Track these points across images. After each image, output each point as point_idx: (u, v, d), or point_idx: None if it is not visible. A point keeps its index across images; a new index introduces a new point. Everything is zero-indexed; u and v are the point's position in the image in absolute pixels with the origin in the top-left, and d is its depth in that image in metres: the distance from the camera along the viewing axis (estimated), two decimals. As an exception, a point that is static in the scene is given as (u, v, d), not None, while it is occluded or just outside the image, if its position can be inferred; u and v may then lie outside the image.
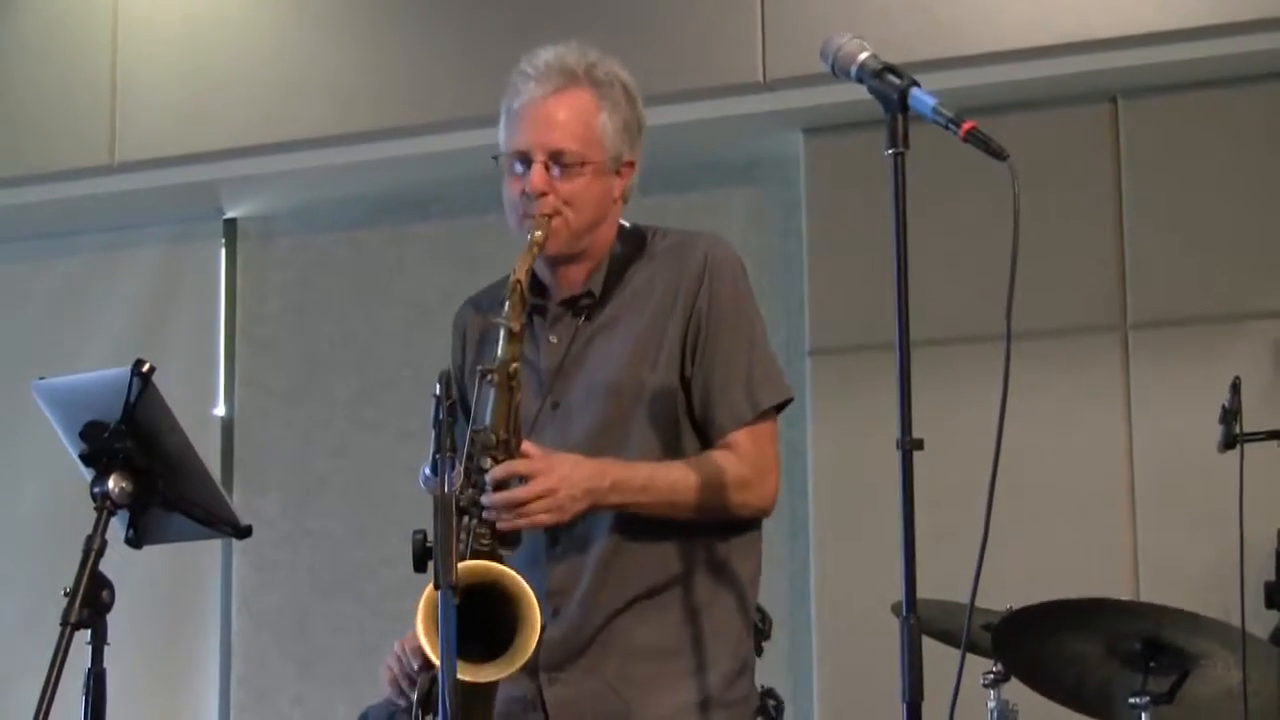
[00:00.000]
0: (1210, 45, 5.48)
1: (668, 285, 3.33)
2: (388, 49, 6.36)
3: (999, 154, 2.69)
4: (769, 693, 4.85)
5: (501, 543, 3.08)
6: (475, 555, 3.02)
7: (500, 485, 3.09)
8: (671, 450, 3.29)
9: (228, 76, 6.51)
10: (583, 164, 3.27)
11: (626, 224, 3.44)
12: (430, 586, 2.90)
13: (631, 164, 3.38)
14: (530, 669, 3.18)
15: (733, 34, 5.85)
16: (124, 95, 6.63)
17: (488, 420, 3.11)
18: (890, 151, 2.77)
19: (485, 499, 3.06)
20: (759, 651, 4.88)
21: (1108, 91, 5.80)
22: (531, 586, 3.03)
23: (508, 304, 3.16)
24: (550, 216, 3.24)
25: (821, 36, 2.97)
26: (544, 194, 3.24)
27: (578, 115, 3.29)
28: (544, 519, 3.10)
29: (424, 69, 6.24)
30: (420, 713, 3.13)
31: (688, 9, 5.96)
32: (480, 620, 2.89)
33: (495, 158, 3.36)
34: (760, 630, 4.92)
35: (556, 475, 3.10)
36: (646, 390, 3.28)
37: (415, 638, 3.13)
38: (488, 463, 3.09)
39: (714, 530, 3.32)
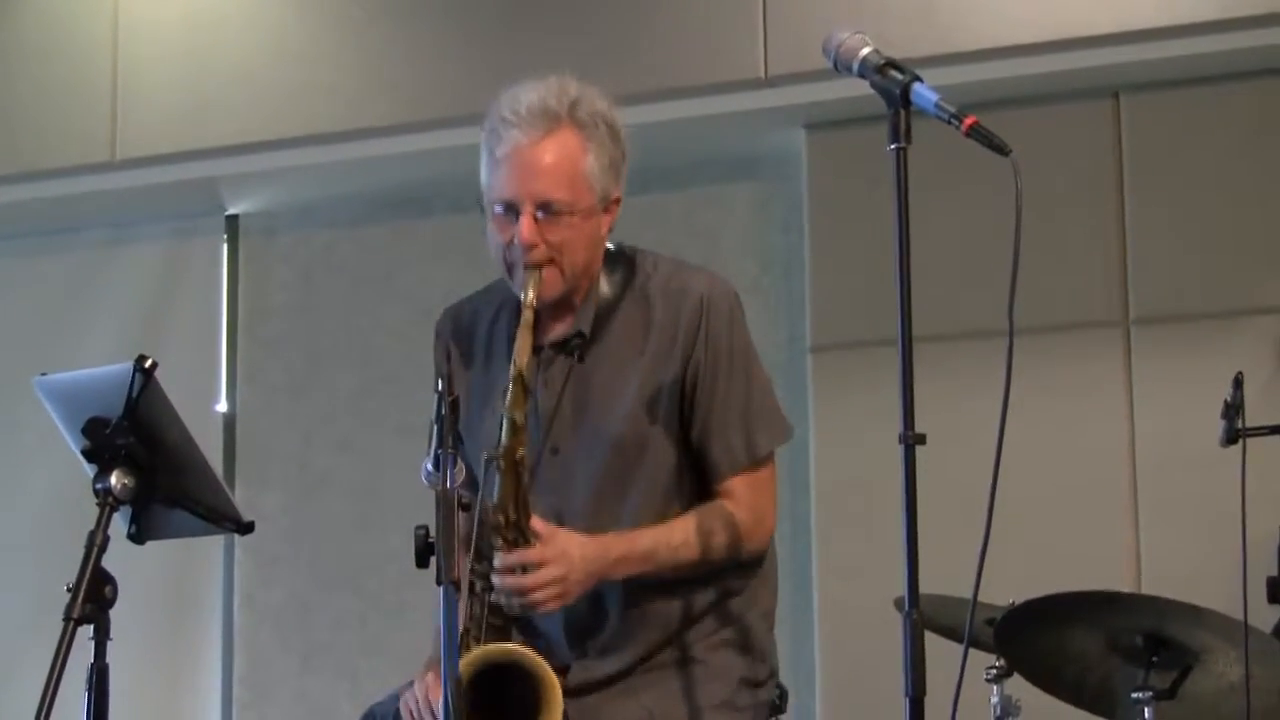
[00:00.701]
0: (1212, 41, 5.48)
1: (663, 330, 3.33)
2: (389, 45, 6.35)
3: (1001, 149, 2.69)
4: None
5: (513, 619, 3.15)
6: (490, 633, 3.08)
7: (509, 569, 3.13)
8: (673, 495, 3.31)
9: (229, 73, 6.51)
10: (572, 211, 3.24)
11: (611, 246, 3.42)
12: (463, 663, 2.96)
13: (618, 200, 3.36)
14: None
15: (734, 30, 5.84)
16: (125, 91, 6.63)
17: (494, 500, 3.12)
18: (892, 147, 2.77)
19: (495, 580, 3.11)
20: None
21: (1110, 87, 5.80)
22: (552, 626, 3.07)
23: (510, 394, 3.12)
24: (541, 266, 3.22)
25: (823, 32, 2.97)
26: (534, 245, 3.22)
27: (564, 161, 3.24)
28: (550, 607, 3.16)
29: (426, 65, 6.24)
30: None
31: (689, 5, 5.95)
32: (500, 701, 2.90)
33: (479, 203, 3.34)
34: (775, 706, 4.92)
35: (563, 565, 3.13)
36: (649, 440, 3.30)
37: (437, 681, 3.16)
38: (498, 542, 3.12)
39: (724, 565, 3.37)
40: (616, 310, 3.36)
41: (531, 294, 3.19)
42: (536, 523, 3.15)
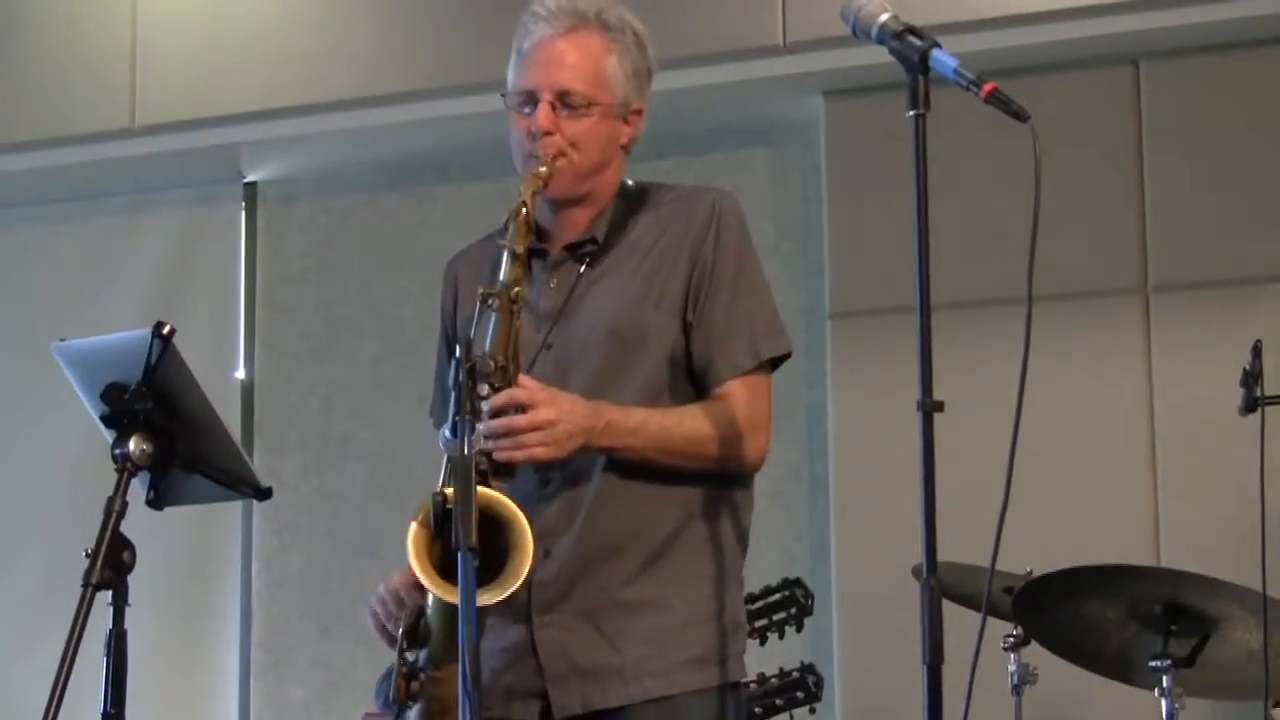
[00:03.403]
0: (1231, 8, 5.47)
1: (674, 232, 3.33)
2: (408, 12, 6.35)
3: (1020, 116, 2.69)
4: (809, 668, 4.86)
5: (495, 472, 3.04)
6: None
7: (498, 414, 3.05)
8: (667, 396, 3.28)
9: (248, 39, 6.51)
10: (589, 105, 3.27)
11: (630, 182, 3.43)
12: (416, 522, 2.97)
13: (639, 112, 3.38)
14: (523, 615, 3.20)
15: (754, -4, 5.85)
16: (144, 58, 6.64)
17: (487, 345, 3.08)
18: (911, 113, 2.76)
19: (482, 426, 3.01)
20: (800, 628, 4.88)
21: (1129, 54, 5.78)
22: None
23: (511, 227, 3.16)
24: (555, 157, 3.25)
25: (842, -2, 2.96)
26: (549, 133, 3.25)
27: (587, 56, 3.29)
28: (540, 452, 3.07)
29: (445, 31, 6.23)
30: (406, 644, 3.12)
31: (709, -29, 5.95)
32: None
33: (503, 95, 3.36)
34: (803, 606, 4.91)
35: (554, 408, 3.08)
36: (649, 332, 3.27)
37: (402, 576, 3.15)
38: (485, 389, 3.04)
39: (707, 480, 3.31)
40: (630, 222, 3.36)
41: (544, 168, 3.22)
42: (526, 380, 3.10)
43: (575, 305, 3.31)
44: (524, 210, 3.17)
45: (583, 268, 3.34)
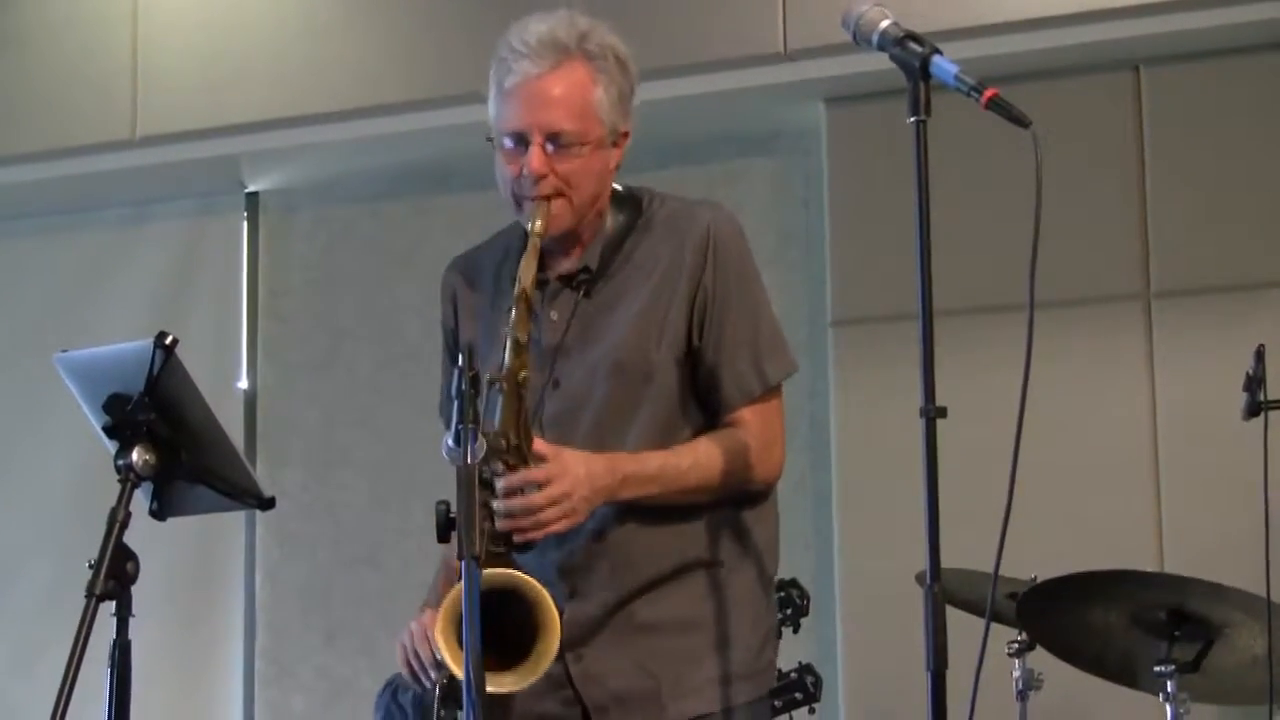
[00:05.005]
0: (1232, 12, 5.46)
1: (670, 260, 3.29)
2: (409, 21, 6.35)
3: (1021, 121, 2.69)
4: (807, 668, 4.86)
5: (516, 549, 3.05)
6: (490, 559, 2.96)
7: (513, 491, 3.05)
8: (677, 428, 3.27)
9: (248, 50, 6.51)
10: (581, 143, 3.22)
11: (619, 187, 3.39)
12: (450, 598, 2.93)
13: (627, 134, 3.34)
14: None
15: (753, 4, 5.83)
16: (145, 69, 6.64)
17: (496, 424, 3.05)
18: (912, 120, 2.77)
19: (499, 505, 3.01)
20: (796, 629, 4.89)
21: (1130, 60, 5.78)
22: (545, 566, 3.02)
23: (514, 314, 3.10)
24: (550, 198, 3.21)
25: (843, 5, 2.96)
26: (543, 176, 3.21)
27: (574, 92, 3.23)
28: (559, 526, 3.06)
29: (446, 41, 6.23)
30: (442, 709, 3.12)
31: (708, -22, 5.95)
32: (498, 627, 2.87)
33: (489, 139, 3.33)
34: (799, 607, 4.93)
35: (570, 479, 3.06)
36: (653, 369, 3.25)
37: (433, 616, 3.13)
38: (499, 467, 3.04)
39: (726, 502, 3.31)
40: (623, 245, 3.33)
41: (539, 223, 3.17)
42: (540, 444, 3.08)
43: (577, 339, 3.29)
44: (525, 297, 3.10)
45: (580, 297, 3.31)
